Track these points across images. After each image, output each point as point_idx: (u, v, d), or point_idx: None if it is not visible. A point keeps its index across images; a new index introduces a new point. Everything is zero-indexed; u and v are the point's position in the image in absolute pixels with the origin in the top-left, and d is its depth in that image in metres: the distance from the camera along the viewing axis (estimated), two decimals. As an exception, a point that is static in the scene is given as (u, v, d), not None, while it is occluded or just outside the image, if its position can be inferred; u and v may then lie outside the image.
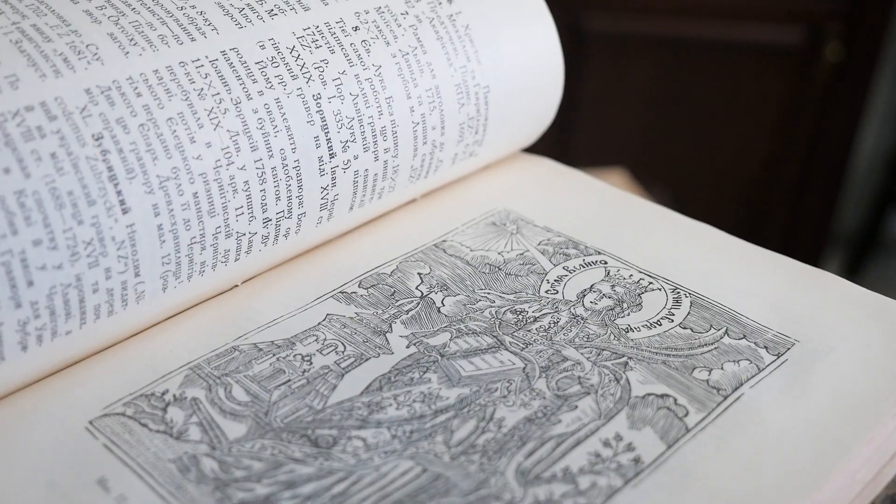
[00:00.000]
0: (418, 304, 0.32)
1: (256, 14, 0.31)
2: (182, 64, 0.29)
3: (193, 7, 0.31)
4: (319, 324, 0.31)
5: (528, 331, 0.31)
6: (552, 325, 0.31)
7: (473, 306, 0.32)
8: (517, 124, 0.40)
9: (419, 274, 0.34)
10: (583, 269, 0.34)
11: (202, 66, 0.29)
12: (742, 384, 0.29)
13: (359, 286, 0.33)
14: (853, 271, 1.56)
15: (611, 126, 1.29)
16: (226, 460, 0.26)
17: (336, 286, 0.33)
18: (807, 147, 1.28)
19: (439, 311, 0.32)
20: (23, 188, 0.25)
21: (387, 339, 0.30)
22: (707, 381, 0.29)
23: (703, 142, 1.30)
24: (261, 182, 0.30)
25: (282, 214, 0.32)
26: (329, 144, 0.32)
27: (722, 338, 0.30)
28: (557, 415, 0.27)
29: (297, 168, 0.31)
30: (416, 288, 0.33)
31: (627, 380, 0.29)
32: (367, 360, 0.29)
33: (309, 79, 0.32)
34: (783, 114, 1.27)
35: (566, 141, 1.27)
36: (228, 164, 0.30)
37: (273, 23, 0.32)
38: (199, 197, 0.29)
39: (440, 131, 0.36)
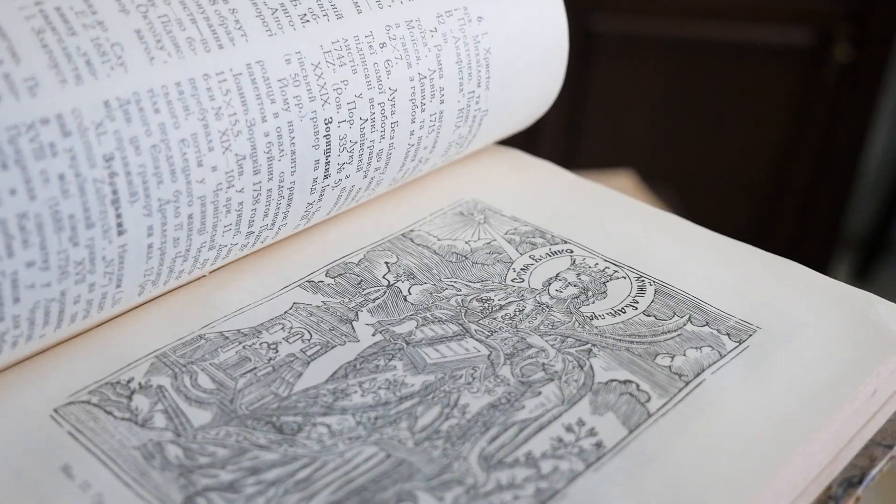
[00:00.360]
0: (385, 292, 0.32)
1: (289, 18, 0.30)
2: (206, 77, 0.28)
3: (226, 1, 0.29)
4: (286, 312, 0.31)
5: (494, 318, 0.31)
6: (517, 313, 0.31)
7: (440, 295, 0.32)
8: (499, 136, 0.41)
9: (386, 263, 0.34)
10: (549, 257, 0.34)
11: (225, 80, 0.28)
12: (704, 370, 0.29)
13: (326, 275, 0.33)
14: (863, 274, 1.56)
15: (619, 128, 1.29)
16: (190, 447, 0.26)
17: (303, 275, 0.33)
18: (817, 148, 1.28)
19: (406, 300, 0.32)
20: (26, 211, 0.25)
21: (353, 327, 0.31)
22: (669, 367, 0.29)
23: (713, 143, 1.30)
24: (254, 202, 0.30)
25: (265, 227, 0.32)
26: (326, 167, 0.32)
27: (685, 325, 0.31)
28: (521, 401, 0.28)
29: (292, 188, 0.31)
30: (383, 277, 0.33)
31: (591, 366, 0.29)
32: (332, 347, 0.30)
33: (325, 101, 0.31)
34: (793, 115, 1.27)
35: (574, 142, 1.27)
36: (228, 187, 0.29)
37: (304, 32, 0.30)
38: (193, 218, 0.29)
39: (430, 150, 0.36)
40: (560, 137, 1.23)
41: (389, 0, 0.33)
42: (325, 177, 0.32)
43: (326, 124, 0.31)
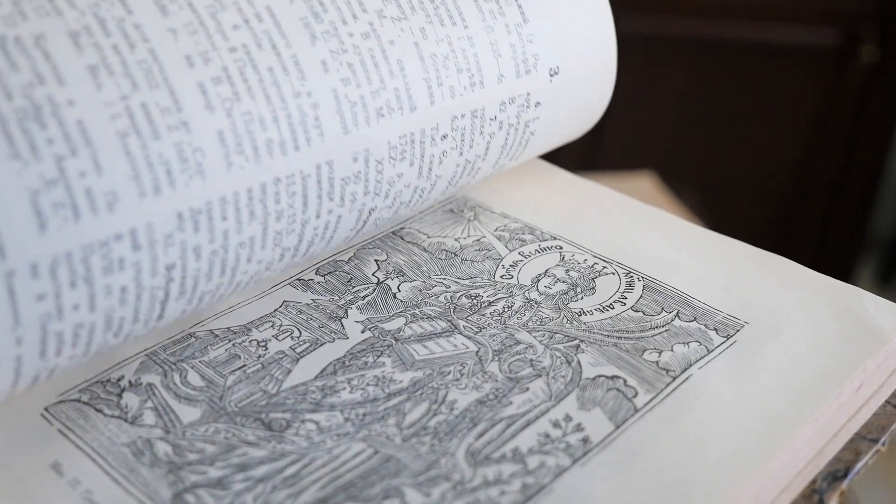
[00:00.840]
0: (374, 290, 0.32)
1: (366, 114, 0.29)
2: (276, 181, 0.27)
3: (309, 95, 0.27)
4: (276, 310, 0.31)
5: (483, 315, 0.31)
6: (506, 310, 0.31)
7: (429, 292, 0.32)
8: None
9: (376, 260, 0.34)
10: (538, 254, 0.35)
11: (294, 182, 0.27)
12: (691, 365, 0.29)
13: (316, 273, 0.33)
14: (887, 277, 1.54)
15: (641, 129, 1.28)
16: (179, 444, 0.26)
17: (293, 273, 0.33)
18: (841, 150, 1.27)
19: (395, 297, 0.32)
20: (83, 321, 0.24)
21: (342, 325, 0.31)
22: (657, 362, 0.29)
23: (736, 145, 1.29)
24: (278, 272, 0.31)
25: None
26: (353, 239, 0.33)
27: (673, 320, 0.31)
28: (509, 397, 0.28)
29: (314, 257, 0.32)
30: (373, 274, 0.33)
31: (579, 362, 0.29)
32: (322, 344, 0.30)
33: (377, 194, 0.30)
34: (817, 116, 1.26)
35: (595, 143, 1.26)
36: (265, 271, 0.29)
37: (377, 127, 0.29)
38: (222, 296, 0.29)
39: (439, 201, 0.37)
40: (581, 139, 1.21)
41: (462, 88, 0.32)
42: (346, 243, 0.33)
43: (370, 212, 0.31)
